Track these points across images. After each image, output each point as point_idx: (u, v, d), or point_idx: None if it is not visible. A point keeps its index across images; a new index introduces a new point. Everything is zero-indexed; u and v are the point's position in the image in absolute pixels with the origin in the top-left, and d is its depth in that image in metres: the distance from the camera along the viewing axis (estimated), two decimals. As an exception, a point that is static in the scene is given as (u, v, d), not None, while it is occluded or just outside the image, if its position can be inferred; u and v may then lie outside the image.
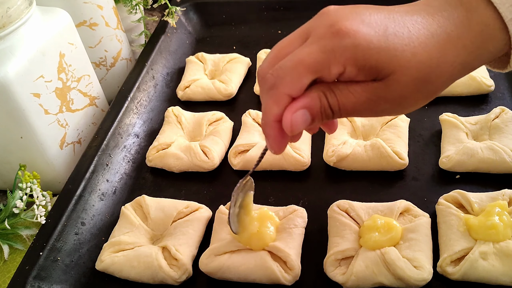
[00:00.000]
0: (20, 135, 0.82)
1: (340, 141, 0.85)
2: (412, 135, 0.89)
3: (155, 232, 0.77)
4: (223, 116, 0.96)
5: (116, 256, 0.72)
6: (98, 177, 0.85)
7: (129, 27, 1.23)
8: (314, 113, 0.50)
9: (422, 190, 0.80)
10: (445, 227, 0.70)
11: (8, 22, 0.77)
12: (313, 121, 0.51)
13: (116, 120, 0.93)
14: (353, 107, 0.50)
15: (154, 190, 0.87)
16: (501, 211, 0.68)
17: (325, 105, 0.50)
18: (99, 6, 1.04)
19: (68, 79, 0.89)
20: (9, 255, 0.81)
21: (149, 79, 1.06)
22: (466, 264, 0.64)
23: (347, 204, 0.74)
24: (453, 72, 0.50)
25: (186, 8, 1.22)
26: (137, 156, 0.94)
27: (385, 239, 0.68)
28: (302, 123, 0.50)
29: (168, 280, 0.70)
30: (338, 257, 0.69)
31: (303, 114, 0.50)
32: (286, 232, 0.72)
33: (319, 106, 0.50)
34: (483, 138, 0.84)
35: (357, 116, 0.53)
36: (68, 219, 0.77)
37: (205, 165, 0.87)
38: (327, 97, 0.50)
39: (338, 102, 0.50)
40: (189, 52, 1.21)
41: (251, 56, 1.13)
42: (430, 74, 0.49)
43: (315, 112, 0.50)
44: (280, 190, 0.84)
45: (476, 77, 0.94)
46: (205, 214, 0.78)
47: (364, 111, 0.51)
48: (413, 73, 0.48)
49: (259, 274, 0.68)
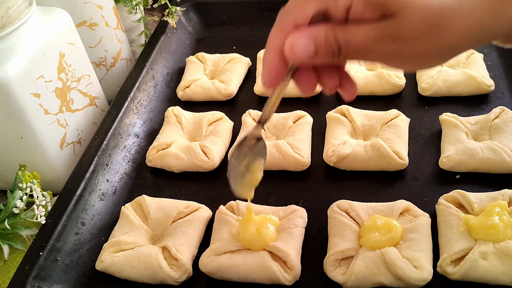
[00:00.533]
0: (20, 135, 0.82)
1: (340, 141, 0.85)
2: (412, 135, 0.89)
3: (155, 232, 0.77)
4: (223, 116, 0.96)
5: (116, 256, 0.72)
6: (98, 177, 0.85)
7: (129, 27, 1.23)
8: (318, 44, 0.48)
9: (422, 190, 0.80)
10: (445, 227, 0.70)
11: (8, 22, 0.77)
12: (316, 54, 0.48)
13: (116, 120, 0.93)
14: (361, 44, 0.47)
15: (154, 190, 0.87)
16: (501, 211, 0.68)
17: (330, 37, 0.48)
18: (99, 6, 1.04)
19: (68, 79, 0.89)
20: (9, 255, 0.81)
21: (149, 79, 1.06)
22: (466, 264, 0.64)
23: (347, 204, 0.74)
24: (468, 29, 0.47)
25: (186, 8, 1.22)
26: (137, 156, 0.94)
27: (385, 239, 0.68)
28: (303, 50, 0.48)
29: (168, 280, 0.70)
30: (338, 257, 0.69)
31: (305, 41, 0.48)
32: (286, 232, 0.72)
33: (324, 36, 0.48)
34: (483, 138, 0.84)
35: (365, 57, 0.50)
36: (68, 219, 0.77)
37: (205, 165, 0.87)
38: (334, 31, 0.48)
39: (346, 37, 0.47)
40: (189, 52, 1.21)
41: (251, 56, 1.13)
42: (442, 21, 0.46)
43: (319, 42, 0.48)
44: (280, 190, 0.84)
45: (476, 77, 0.94)
46: (205, 214, 0.78)
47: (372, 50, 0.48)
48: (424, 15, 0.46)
49: (259, 274, 0.68)
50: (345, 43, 0.48)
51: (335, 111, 0.92)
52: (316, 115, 0.94)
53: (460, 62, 1.01)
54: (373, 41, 0.47)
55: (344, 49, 0.48)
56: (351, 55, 0.49)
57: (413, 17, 0.46)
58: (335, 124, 0.89)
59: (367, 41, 0.47)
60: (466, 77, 0.94)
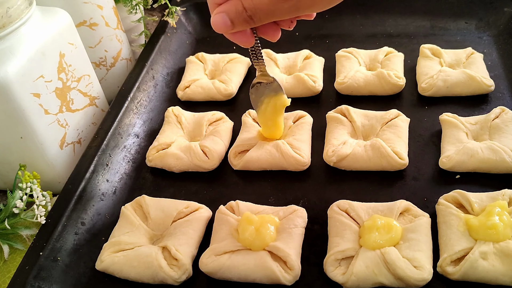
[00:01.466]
0: (20, 135, 0.82)
1: (340, 141, 0.85)
2: (412, 135, 0.89)
3: (155, 232, 0.77)
4: (223, 116, 0.96)
5: (116, 256, 0.72)
6: (98, 177, 0.85)
7: (129, 27, 1.23)
8: (232, 16, 0.59)
9: (422, 190, 0.80)
10: (445, 227, 0.70)
11: (8, 22, 0.77)
12: (233, 24, 0.59)
13: (116, 120, 0.93)
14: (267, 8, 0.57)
15: (154, 190, 0.87)
16: (501, 211, 0.68)
17: (239, 8, 0.58)
18: (99, 6, 1.04)
19: (68, 79, 0.89)
20: (9, 255, 0.81)
21: (149, 79, 1.06)
22: (466, 264, 0.64)
23: (347, 204, 0.74)
24: None
25: (186, 8, 1.22)
26: (137, 156, 0.94)
27: (385, 239, 0.68)
28: (222, 24, 0.60)
29: (168, 280, 0.70)
30: (338, 257, 0.69)
31: (222, 16, 0.59)
32: (286, 232, 0.72)
33: (234, 9, 0.58)
34: (483, 138, 0.84)
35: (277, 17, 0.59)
36: (68, 219, 0.77)
37: (205, 165, 0.87)
38: (242, 1, 0.58)
39: (253, 3, 0.57)
40: (189, 52, 1.21)
41: (251, 56, 1.13)
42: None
43: (232, 15, 0.59)
44: (280, 190, 0.84)
45: (476, 77, 0.94)
46: (205, 214, 0.78)
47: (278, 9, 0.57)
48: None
49: (259, 274, 0.68)
50: (254, 10, 0.58)
51: (335, 111, 0.92)
52: (316, 115, 0.94)
53: (460, 62, 1.01)
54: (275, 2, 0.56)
55: (255, 15, 0.58)
56: (263, 18, 0.59)
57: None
58: (335, 124, 0.89)
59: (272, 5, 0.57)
60: (466, 77, 0.94)
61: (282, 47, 1.16)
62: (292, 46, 1.15)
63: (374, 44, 1.13)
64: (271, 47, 1.12)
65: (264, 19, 0.59)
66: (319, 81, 1.02)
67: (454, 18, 1.17)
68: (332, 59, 1.08)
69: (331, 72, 1.07)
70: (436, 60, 1.02)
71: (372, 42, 1.15)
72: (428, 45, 1.05)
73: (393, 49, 1.06)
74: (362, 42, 1.15)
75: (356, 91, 0.99)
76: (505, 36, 1.09)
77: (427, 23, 1.19)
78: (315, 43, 1.18)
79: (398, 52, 1.06)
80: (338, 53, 1.07)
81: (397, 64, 1.02)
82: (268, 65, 1.07)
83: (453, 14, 1.19)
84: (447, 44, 1.11)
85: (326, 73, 1.07)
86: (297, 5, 0.57)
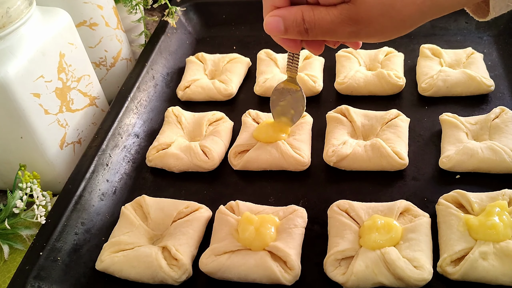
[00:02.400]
0: (20, 135, 0.82)
1: (340, 141, 0.85)
2: (412, 135, 0.89)
3: (155, 232, 0.77)
4: (223, 116, 0.96)
5: (116, 256, 0.72)
6: (98, 177, 0.85)
7: (129, 27, 1.23)
8: (287, 23, 0.57)
9: (422, 190, 0.80)
10: (445, 227, 0.70)
11: (8, 22, 0.77)
12: (287, 31, 0.58)
13: (116, 120, 0.93)
14: (328, 26, 0.55)
15: (154, 190, 0.87)
16: (501, 211, 0.68)
17: (298, 18, 0.56)
18: (99, 6, 1.04)
19: (68, 79, 0.89)
20: (9, 255, 0.81)
21: (149, 79, 1.06)
22: (466, 264, 0.64)
23: (347, 204, 0.74)
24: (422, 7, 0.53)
25: (186, 8, 1.22)
26: (137, 156, 0.94)
27: (385, 239, 0.68)
28: (274, 28, 0.58)
29: (168, 280, 0.70)
30: (338, 257, 0.69)
31: (277, 20, 0.58)
32: (286, 232, 0.72)
33: (293, 18, 0.57)
34: (483, 138, 0.84)
35: (331, 37, 0.57)
36: (68, 219, 0.77)
37: (205, 165, 0.87)
38: (303, 12, 0.56)
39: (314, 18, 0.56)
40: (189, 52, 1.21)
41: (251, 56, 1.13)
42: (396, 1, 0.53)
43: (288, 22, 0.57)
44: (280, 190, 0.84)
45: (476, 77, 0.94)
46: (205, 214, 0.78)
47: (337, 31, 0.56)
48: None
49: (259, 274, 0.68)
50: (313, 24, 0.56)
51: (335, 111, 0.92)
52: (316, 115, 0.94)
53: (460, 62, 1.01)
54: (337, 24, 0.55)
55: (312, 30, 0.57)
56: (320, 35, 0.57)
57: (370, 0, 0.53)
58: (335, 124, 0.89)
59: (332, 24, 0.55)
60: (466, 77, 0.94)
61: (282, 47, 1.16)
62: (292, 46, 1.15)
63: (374, 44, 1.13)
64: (271, 47, 1.12)
65: (319, 36, 0.57)
66: (319, 81, 1.02)
67: (454, 18, 1.17)
68: (332, 59, 1.08)
69: (331, 72, 1.07)
70: (436, 60, 1.02)
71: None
72: (428, 45, 1.05)
73: (393, 49, 1.06)
74: (362, 42, 1.15)
75: (356, 91, 0.99)
76: (505, 36, 1.09)
77: (427, 23, 1.19)
78: (315, 43, 1.18)
79: (398, 52, 1.06)
80: (338, 53, 1.07)
81: (397, 64, 1.02)
82: (268, 65, 1.07)
83: (453, 14, 1.17)
84: (447, 44, 1.11)
85: (326, 73, 1.07)
86: (357, 32, 0.55)
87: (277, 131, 0.87)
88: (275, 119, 0.87)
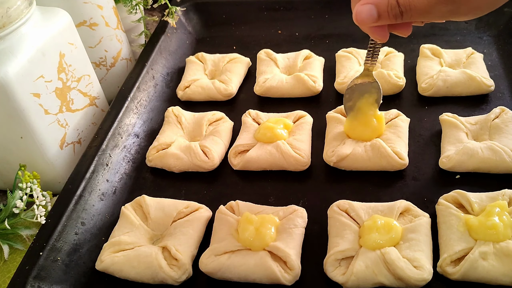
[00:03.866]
0: (20, 135, 0.82)
1: (340, 141, 0.85)
2: (412, 135, 0.89)
3: (155, 232, 0.77)
4: (223, 116, 0.96)
5: (116, 256, 0.72)
6: (98, 177, 0.85)
7: (129, 27, 1.23)
8: (381, 10, 0.57)
9: (422, 190, 0.80)
10: (445, 227, 0.70)
11: (8, 22, 0.77)
12: (380, 17, 0.57)
13: (116, 120, 0.93)
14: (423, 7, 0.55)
15: (154, 190, 0.87)
16: (501, 211, 0.68)
17: (393, 2, 0.56)
18: (99, 6, 1.04)
19: (68, 79, 0.89)
20: (9, 255, 0.81)
21: (149, 79, 1.06)
22: (466, 264, 0.64)
23: (347, 204, 0.74)
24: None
25: (186, 8, 1.22)
26: (137, 156, 0.94)
27: (385, 239, 0.68)
28: (367, 16, 0.57)
29: (168, 280, 0.70)
30: (338, 257, 0.69)
31: (369, 8, 0.57)
32: (286, 232, 0.72)
33: (386, 2, 0.56)
34: (483, 138, 0.84)
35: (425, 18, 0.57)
36: (68, 219, 0.77)
37: (205, 165, 0.87)
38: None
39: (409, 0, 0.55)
40: (189, 52, 1.21)
41: (251, 56, 1.13)
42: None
43: (382, 8, 0.57)
44: (280, 190, 0.84)
45: (476, 77, 0.94)
46: (205, 214, 0.78)
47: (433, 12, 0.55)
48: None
49: (259, 274, 0.68)
50: (408, 7, 0.55)
51: (335, 111, 0.92)
52: (316, 115, 0.94)
53: (460, 62, 1.01)
54: (433, 4, 0.54)
55: (407, 12, 0.56)
56: (414, 17, 0.56)
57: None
58: (335, 124, 0.89)
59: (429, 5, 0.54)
60: (466, 77, 0.94)
61: (282, 47, 1.16)
62: (292, 46, 1.15)
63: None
64: (271, 47, 1.12)
65: (415, 17, 0.57)
66: (319, 81, 1.02)
67: (454, 18, 1.17)
68: (332, 59, 1.08)
69: (331, 72, 1.07)
70: (436, 60, 1.02)
71: (372, 42, 1.15)
72: (428, 45, 1.05)
73: (393, 49, 1.06)
74: (362, 42, 1.15)
75: (356, 91, 0.99)
76: (505, 36, 1.09)
77: (427, 23, 1.19)
78: (315, 43, 1.18)
79: (398, 52, 1.06)
80: (338, 53, 1.07)
81: (397, 64, 1.02)
82: (268, 65, 1.07)
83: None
84: (447, 44, 1.11)
85: (326, 73, 1.07)
86: (455, 11, 0.55)
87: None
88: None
